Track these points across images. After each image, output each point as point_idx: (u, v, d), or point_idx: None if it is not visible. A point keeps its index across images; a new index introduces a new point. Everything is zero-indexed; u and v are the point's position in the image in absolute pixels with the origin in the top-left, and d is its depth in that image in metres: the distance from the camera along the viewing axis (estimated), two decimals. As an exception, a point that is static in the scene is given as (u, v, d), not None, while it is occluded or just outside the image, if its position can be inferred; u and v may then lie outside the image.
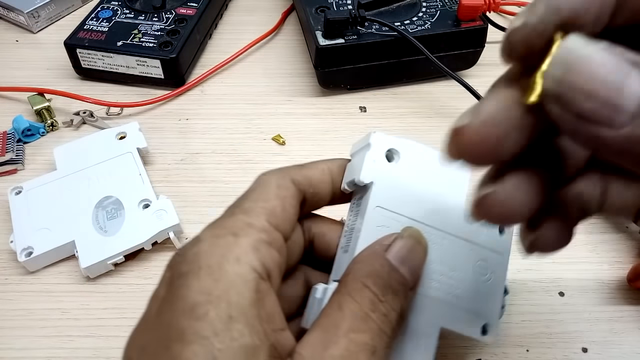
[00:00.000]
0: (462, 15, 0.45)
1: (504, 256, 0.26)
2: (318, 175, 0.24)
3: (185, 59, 0.48)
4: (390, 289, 0.20)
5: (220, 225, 0.20)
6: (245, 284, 0.18)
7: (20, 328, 0.32)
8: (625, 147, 0.13)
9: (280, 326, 0.19)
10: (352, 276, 0.20)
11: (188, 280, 0.18)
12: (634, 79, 0.12)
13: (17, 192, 0.37)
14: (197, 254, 0.19)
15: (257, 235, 0.19)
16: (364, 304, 0.19)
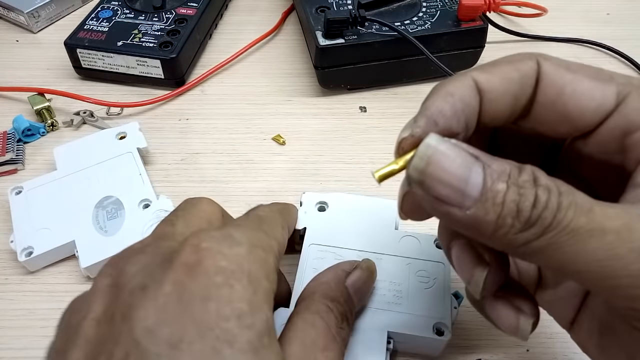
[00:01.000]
0: (462, 15, 0.45)
1: (445, 264, 0.30)
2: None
3: (185, 59, 0.48)
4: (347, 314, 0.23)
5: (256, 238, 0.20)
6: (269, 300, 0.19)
7: (21, 328, 0.32)
8: (471, 223, 0.16)
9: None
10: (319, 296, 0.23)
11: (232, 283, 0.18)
12: (475, 172, 0.16)
13: (17, 192, 0.37)
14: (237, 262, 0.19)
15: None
16: (331, 325, 0.22)
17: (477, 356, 0.31)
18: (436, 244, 0.32)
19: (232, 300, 0.17)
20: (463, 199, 0.16)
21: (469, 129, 0.19)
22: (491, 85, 0.18)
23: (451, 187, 0.16)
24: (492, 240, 0.16)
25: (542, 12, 0.51)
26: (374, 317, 0.28)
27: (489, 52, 0.48)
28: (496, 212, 0.15)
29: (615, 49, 0.51)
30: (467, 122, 0.18)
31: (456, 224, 0.17)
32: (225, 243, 0.19)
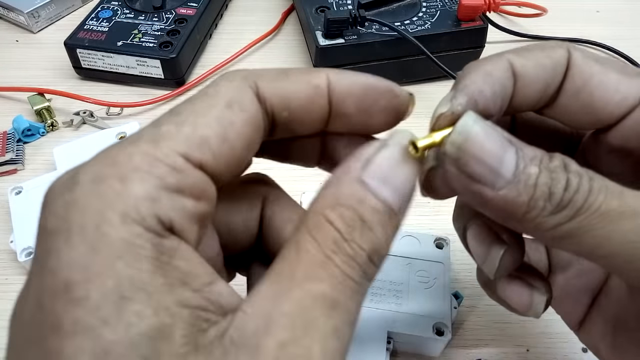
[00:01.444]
0: (462, 15, 0.45)
1: (445, 264, 0.30)
2: (303, 95, 0.17)
3: (185, 59, 0.48)
4: (361, 222, 0.15)
5: (110, 160, 0.14)
6: (135, 251, 0.13)
7: (20, 328, 0.32)
8: (501, 205, 0.16)
9: (204, 281, 0.14)
10: (315, 205, 0.15)
11: (56, 244, 0.13)
12: (510, 154, 0.16)
13: (17, 192, 0.37)
14: (67, 205, 0.14)
15: (157, 180, 0.14)
16: (326, 244, 0.14)
17: (477, 356, 0.31)
18: (436, 244, 0.32)
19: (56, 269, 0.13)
20: (496, 179, 0.16)
21: (501, 112, 0.19)
22: (525, 70, 0.18)
23: (486, 166, 0.16)
24: (522, 222, 0.16)
25: (542, 12, 0.51)
26: (373, 317, 0.28)
27: (489, 52, 0.48)
28: (528, 194, 0.15)
29: (615, 49, 0.51)
30: (502, 104, 0.18)
31: (486, 204, 0.16)
32: (66, 184, 0.15)
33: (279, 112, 0.17)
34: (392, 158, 0.16)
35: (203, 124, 0.15)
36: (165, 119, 0.15)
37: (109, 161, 0.14)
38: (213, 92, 0.16)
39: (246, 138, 0.16)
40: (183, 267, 0.14)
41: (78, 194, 0.14)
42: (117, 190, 0.14)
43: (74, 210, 0.14)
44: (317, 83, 0.17)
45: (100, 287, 0.13)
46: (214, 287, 0.15)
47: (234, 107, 0.16)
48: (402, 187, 0.16)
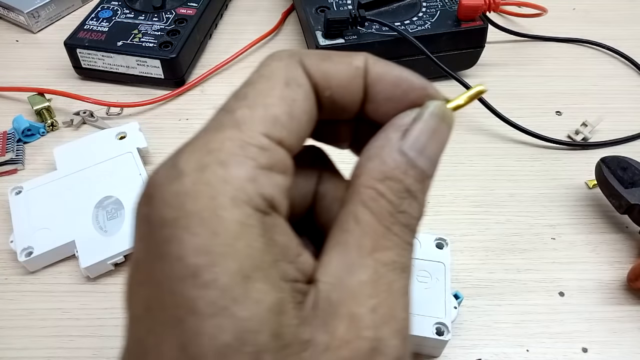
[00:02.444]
0: (462, 15, 0.45)
1: (445, 264, 0.31)
2: (344, 75, 0.18)
3: (185, 59, 0.48)
4: (408, 193, 0.17)
5: (205, 148, 0.15)
6: (249, 231, 0.14)
7: (21, 328, 0.32)
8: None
9: (296, 252, 0.16)
10: (365, 179, 0.17)
11: (176, 232, 0.14)
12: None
13: (17, 192, 0.37)
14: (179, 195, 0.14)
15: (253, 161, 0.15)
16: (383, 216, 0.16)
17: (477, 356, 0.31)
18: (436, 243, 0.32)
19: (181, 256, 0.14)
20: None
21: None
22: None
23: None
24: None
25: (542, 12, 0.51)
26: None
27: (489, 52, 0.48)
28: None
29: (615, 49, 0.51)
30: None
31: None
32: (170, 175, 0.15)
33: (323, 90, 0.18)
34: (428, 129, 0.17)
35: (271, 104, 0.16)
36: (235, 104, 0.16)
37: (205, 149, 0.15)
38: (268, 73, 0.17)
39: (307, 112, 0.17)
40: (282, 241, 0.15)
41: (187, 183, 0.14)
42: (221, 175, 0.14)
43: (188, 199, 0.14)
44: (357, 64, 0.18)
45: (226, 269, 0.14)
46: (302, 257, 0.16)
47: (292, 85, 0.17)
48: (436, 155, 0.18)
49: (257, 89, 0.16)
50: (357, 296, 0.15)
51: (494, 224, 0.38)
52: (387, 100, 0.18)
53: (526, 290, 0.34)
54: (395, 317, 0.15)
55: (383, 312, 0.15)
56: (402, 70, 0.19)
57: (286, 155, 0.16)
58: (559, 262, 0.35)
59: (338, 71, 0.18)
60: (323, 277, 0.15)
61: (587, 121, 0.43)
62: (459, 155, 0.42)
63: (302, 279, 0.15)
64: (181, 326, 0.14)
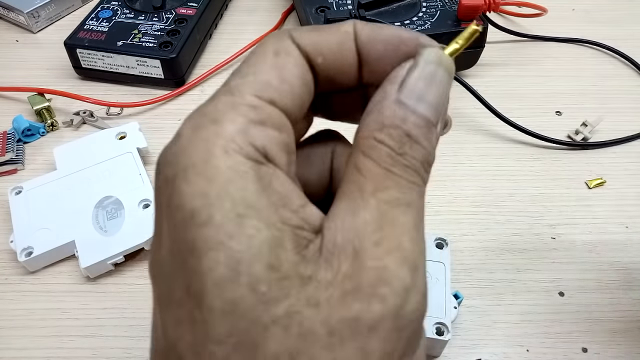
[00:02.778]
0: (462, 15, 0.45)
1: (445, 264, 0.31)
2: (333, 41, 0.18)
3: (185, 59, 0.48)
4: (408, 137, 0.17)
5: (200, 113, 0.17)
6: (242, 176, 0.15)
7: (20, 328, 0.32)
8: None
9: (299, 203, 0.16)
10: (363, 132, 0.17)
11: (176, 184, 0.16)
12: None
13: (17, 192, 0.37)
14: (177, 153, 0.16)
15: (243, 117, 0.16)
16: (382, 160, 0.17)
17: (477, 356, 0.31)
18: (436, 243, 0.32)
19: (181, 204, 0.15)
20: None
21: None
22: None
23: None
24: None
25: (542, 12, 0.51)
26: None
27: (489, 52, 0.48)
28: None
29: (615, 49, 0.51)
30: None
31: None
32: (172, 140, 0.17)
33: (314, 57, 0.18)
34: (425, 76, 0.18)
35: (261, 72, 0.18)
36: (231, 78, 0.18)
37: (200, 113, 0.17)
38: (261, 49, 0.18)
39: (299, 77, 0.18)
40: (281, 190, 0.16)
41: (183, 142, 0.17)
42: (213, 131, 0.16)
43: (183, 155, 0.16)
44: (345, 29, 0.19)
45: (220, 208, 0.15)
46: (307, 209, 0.16)
47: (281, 53, 0.18)
48: (436, 100, 0.18)
49: (249, 62, 0.18)
50: (360, 234, 0.15)
51: (494, 224, 0.38)
52: (381, 60, 0.19)
53: (526, 290, 0.34)
54: (401, 248, 0.15)
55: (388, 244, 0.15)
56: (391, 28, 0.19)
57: (279, 114, 0.17)
58: (559, 262, 0.35)
59: (327, 38, 0.19)
60: (328, 224, 0.16)
61: (587, 121, 0.43)
62: (459, 155, 0.42)
63: (307, 228, 0.16)
64: (185, 267, 0.15)
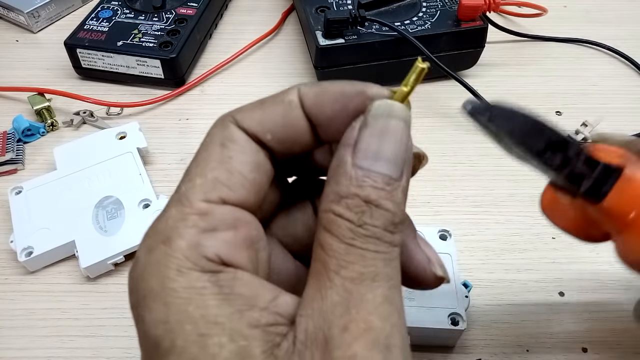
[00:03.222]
0: (462, 15, 0.45)
1: (452, 255, 0.31)
2: (278, 115, 0.18)
3: (185, 59, 0.48)
4: (366, 205, 0.16)
5: (153, 231, 0.17)
6: (200, 292, 0.15)
7: (20, 328, 0.32)
8: None
9: (269, 298, 0.16)
10: (323, 205, 0.17)
11: (140, 312, 0.16)
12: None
13: (17, 192, 0.37)
14: (135, 279, 0.16)
15: (192, 228, 0.16)
16: (342, 235, 0.16)
17: (477, 356, 0.31)
18: (440, 235, 0.32)
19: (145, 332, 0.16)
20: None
21: None
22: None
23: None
24: None
25: (542, 12, 0.51)
26: None
27: (489, 52, 0.48)
28: None
29: (615, 49, 0.51)
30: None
31: None
32: (132, 265, 0.17)
33: (263, 136, 0.18)
34: (375, 134, 0.17)
35: (209, 169, 0.17)
36: (182, 183, 0.18)
37: (153, 232, 0.17)
38: (207, 141, 0.18)
39: (248, 163, 0.18)
40: (244, 292, 0.16)
41: (140, 267, 0.16)
42: (165, 251, 0.16)
43: (141, 281, 0.16)
44: (289, 99, 0.18)
45: (180, 333, 0.15)
46: (279, 300, 0.16)
47: (226, 144, 0.18)
48: (394, 153, 0.17)
49: (197, 160, 0.18)
50: (328, 319, 0.15)
51: (494, 224, 0.38)
52: (332, 121, 0.18)
53: (526, 290, 0.34)
54: (370, 329, 0.15)
55: (355, 327, 0.15)
56: (337, 84, 0.18)
57: (233, 210, 0.17)
58: (559, 262, 0.35)
59: (271, 112, 0.18)
60: (301, 311, 0.16)
61: (587, 121, 0.43)
62: (459, 155, 0.42)
63: (281, 322, 0.16)
64: None
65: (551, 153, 0.17)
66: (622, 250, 0.18)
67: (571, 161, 0.17)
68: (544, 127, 0.17)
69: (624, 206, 0.17)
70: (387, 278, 0.16)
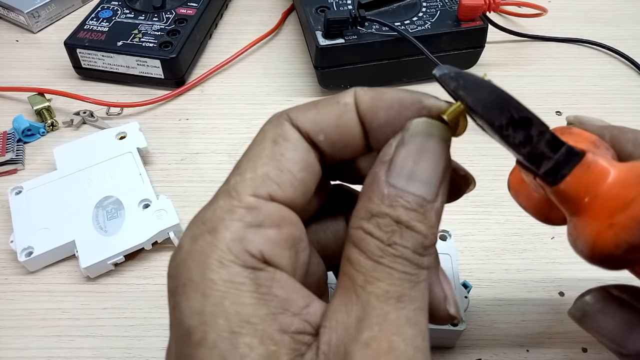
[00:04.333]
0: (462, 15, 0.45)
1: (452, 255, 0.31)
2: (333, 116, 0.18)
3: (185, 59, 0.48)
4: (397, 225, 0.16)
5: (200, 221, 0.17)
6: (238, 288, 0.15)
7: (20, 328, 0.32)
8: None
9: (302, 304, 0.16)
10: (353, 221, 0.17)
11: (177, 299, 0.16)
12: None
13: (17, 192, 0.37)
14: (176, 266, 0.16)
15: (239, 221, 0.16)
16: (371, 252, 0.16)
17: (477, 356, 0.31)
18: (439, 235, 0.32)
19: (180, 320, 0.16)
20: None
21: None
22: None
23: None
24: None
25: (542, 12, 0.51)
26: None
27: (489, 52, 0.48)
28: None
29: (615, 49, 0.51)
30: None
31: None
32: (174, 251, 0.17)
33: (315, 136, 0.18)
34: (411, 153, 0.16)
35: (260, 165, 0.17)
36: (232, 175, 0.17)
37: (199, 221, 0.17)
38: (260, 138, 0.18)
39: (299, 162, 0.17)
40: (281, 295, 0.16)
41: (182, 254, 0.16)
42: (209, 241, 0.16)
43: (182, 268, 0.16)
44: (345, 101, 0.18)
45: (214, 327, 0.15)
46: (310, 308, 0.16)
47: (279, 141, 0.17)
48: (430, 174, 0.16)
49: (248, 155, 0.18)
50: (351, 333, 0.15)
51: (494, 224, 0.38)
52: (384, 127, 0.18)
53: (526, 290, 0.34)
54: (392, 349, 0.15)
55: (377, 345, 0.15)
56: (394, 91, 0.18)
57: (279, 208, 0.17)
58: (559, 262, 0.35)
59: (326, 113, 0.18)
60: (325, 322, 0.16)
61: (587, 121, 0.43)
62: (459, 155, 0.41)
63: (308, 330, 0.16)
64: None
65: (513, 129, 0.16)
66: (572, 233, 0.18)
67: (533, 140, 0.17)
68: (510, 102, 0.16)
69: (579, 191, 0.17)
70: (412, 300, 0.16)
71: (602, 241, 0.16)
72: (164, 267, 0.35)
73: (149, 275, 0.34)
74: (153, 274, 0.34)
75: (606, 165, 0.17)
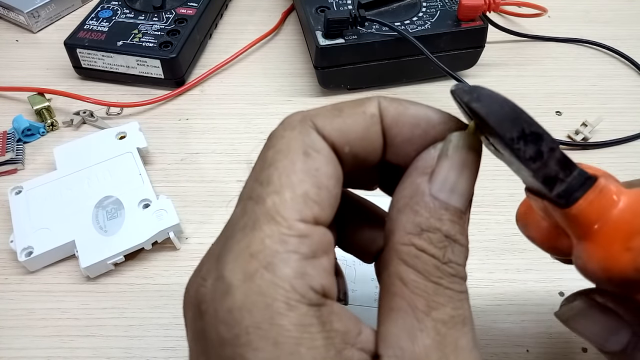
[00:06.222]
0: (462, 15, 0.45)
1: None
2: (360, 128, 0.17)
3: (185, 59, 0.48)
4: (449, 239, 0.16)
5: (247, 252, 0.15)
6: (308, 331, 0.14)
7: (20, 328, 0.32)
8: None
9: (356, 332, 0.15)
10: (400, 236, 0.16)
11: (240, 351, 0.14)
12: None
13: (17, 192, 0.37)
14: (233, 310, 0.14)
15: (296, 254, 0.14)
16: (429, 272, 0.15)
17: (477, 356, 0.31)
18: None
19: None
20: None
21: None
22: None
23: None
24: None
25: (542, 12, 0.51)
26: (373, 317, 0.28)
27: (489, 52, 0.48)
28: None
29: (615, 49, 0.51)
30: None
31: None
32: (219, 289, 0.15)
33: (341, 147, 0.17)
34: (456, 165, 0.16)
35: (297, 182, 0.15)
36: (262, 192, 0.15)
37: (248, 254, 0.15)
38: (285, 147, 0.16)
39: (333, 176, 0.16)
40: (341, 328, 0.15)
41: (239, 296, 0.14)
42: (270, 280, 0.14)
43: (243, 313, 0.14)
44: (372, 112, 0.17)
45: None
46: (362, 336, 0.15)
47: (311, 153, 0.16)
48: (468, 188, 0.17)
49: (279, 168, 0.16)
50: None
51: (494, 224, 0.38)
52: (407, 142, 0.17)
53: (526, 290, 0.34)
54: None
55: None
56: (418, 107, 0.18)
57: (325, 231, 0.16)
58: (559, 262, 0.35)
59: (353, 124, 0.17)
60: (386, 351, 0.15)
61: (587, 121, 0.43)
62: (459, 155, 0.42)
63: (365, 357, 0.15)
64: None
65: (524, 143, 0.16)
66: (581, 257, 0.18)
67: (543, 155, 0.17)
68: (522, 116, 0.16)
69: (591, 215, 0.17)
70: (472, 321, 0.15)
71: (619, 265, 0.16)
72: (164, 267, 0.36)
73: (149, 275, 0.34)
74: (153, 273, 0.34)
75: (618, 190, 0.17)
